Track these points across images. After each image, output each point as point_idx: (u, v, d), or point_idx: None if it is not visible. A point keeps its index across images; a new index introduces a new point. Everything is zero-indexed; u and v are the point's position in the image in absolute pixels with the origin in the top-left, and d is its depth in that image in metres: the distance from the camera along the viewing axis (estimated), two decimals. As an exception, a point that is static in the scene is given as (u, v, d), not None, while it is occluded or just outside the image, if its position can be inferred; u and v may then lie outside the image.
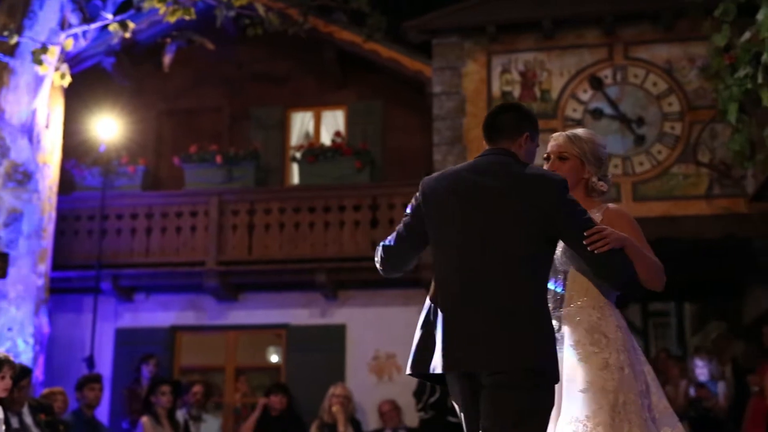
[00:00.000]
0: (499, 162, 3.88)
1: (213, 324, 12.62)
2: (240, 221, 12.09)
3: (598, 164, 4.30)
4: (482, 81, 11.48)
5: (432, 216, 3.87)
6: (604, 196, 4.30)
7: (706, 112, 10.78)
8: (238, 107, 13.46)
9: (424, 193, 3.93)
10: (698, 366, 11.06)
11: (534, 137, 4.06)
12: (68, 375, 11.68)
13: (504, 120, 4.01)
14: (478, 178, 3.81)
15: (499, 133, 3.99)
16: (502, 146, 3.96)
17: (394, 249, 4.00)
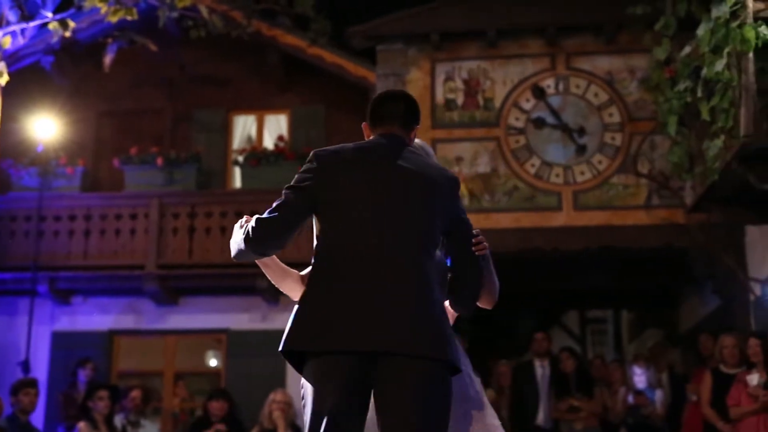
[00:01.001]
0: (405, 148, 3.67)
1: (152, 328, 12.47)
2: (181, 224, 11.96)
3: None
4: (426, 88, 11.52)
5: (332, 189, 3.50)
6: None
7: (646, 124, 10.93)
8: (180, 109, 13.33)
9: (324, 166, 3.58)
10: (636, 374, 11.21)
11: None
12: (2, 379, 11.47)
13: (403, 108, 3.78)
14: (388, 159, 3.57)
15: (396, 119, 3.74)
16: (397, 133, 3.72)
17: (277, 223, 3.52)
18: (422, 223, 3.49)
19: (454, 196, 3.68)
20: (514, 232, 10.95)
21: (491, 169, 11.17)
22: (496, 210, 11.06)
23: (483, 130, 11.31)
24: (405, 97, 3.83)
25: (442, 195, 3.58)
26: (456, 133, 11.34)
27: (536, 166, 11.14)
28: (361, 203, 3.48)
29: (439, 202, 3.56)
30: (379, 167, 3.55)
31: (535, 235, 10.92)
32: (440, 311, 3.43)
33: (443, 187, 3.60)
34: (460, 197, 3.75)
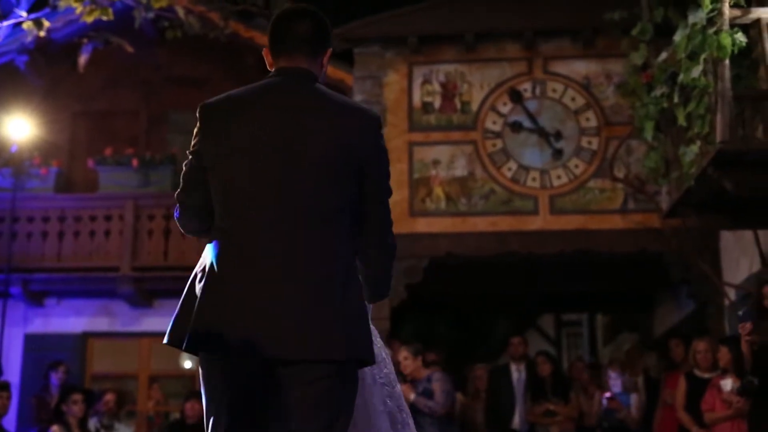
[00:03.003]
0: (311, 87, 3.07)
1: (126, 330, 12.41)
2: (156, 226, 11.91)
3: None
4: (403, 91, 11.49)
5: (215, 149, 3.00)
6: None
7: (623, 128, 10.95)
8: (156, 110, 13.27)
9: (209, 119, 3.08)
10: (612, 378, 11.20)
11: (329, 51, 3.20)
12: (-26, 383, 11.36)
13: (310, 28, 3.12)
14: (286, 106, 3.00)
15: (301, 45, 3.11)
16: (300, 64, 3.11)
17: (188, 207, 3.08)
18: (329, 192, 2.95)
19: (375, 144, 3.05)
20: (490, 235, 10.95)
21: (468, 172, 11.16)
22: (473, 213, 11.05)
23: (460, 134, 11.29)
24: (312, 14, 3.14)
25: (357, 148, 2.99)
26: (433, 136, 11.32)
27: (513, 170, 11.14)
28: (247, 170, 2.92)
29: (355, 157, 2.98)
30: (271, 118, 2.96)
31: (512, 239, 10.92)
32: (346, 301, 2.92)
33: (360, 136, 3.02)
34: (381, 142, 3.09)
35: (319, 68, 3.17)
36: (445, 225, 11.06)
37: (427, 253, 10.95)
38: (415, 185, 11.15)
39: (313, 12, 3.16)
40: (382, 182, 3.10)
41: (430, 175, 11.17)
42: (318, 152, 2.94)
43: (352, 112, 3.07)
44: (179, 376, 13.05)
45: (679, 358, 10.30)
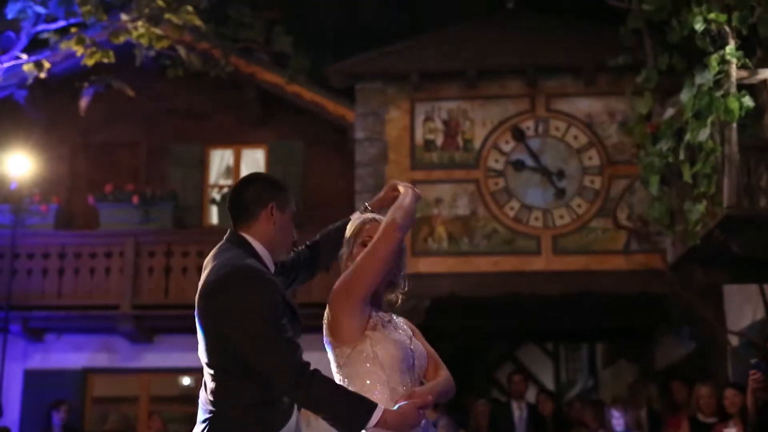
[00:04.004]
0: (214, 255, 3.37)
1: (126, 366, 12.36)
2: (157, 263, 11.83)
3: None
4: (405, 128, 11.44)
5: None
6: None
7: (625, 168, 10.92)
8: (156, 143, 13.19)
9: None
10: (614, 416, 11.17)
11: (283, 205, 3.44)
12: (-26, 420, 11.31)
13: (241, 197, 3.43)
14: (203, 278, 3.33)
15: (237, 214, 3.44)
16: (237, 231, 3.41)
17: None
18: (210, 353, 3.26)
19: (222, 302, 3.21)
20: (493, 276, 10.91)
21: (470, 211, 11.12)
22: (476, 253, 11.00)
23: (462, 172, 11.25)
24: (248, 182, 3.47)
25: (206, 313, 3.26)
26: (435, 174, 11.28)
27: (515, 209, 11.10)
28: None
29: (209, 319, 3.25)
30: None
31: (515, 279, 10.88)
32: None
33: (205, 299, 3.27)
34: (230, 303, 3.18)
35: (265, 225, 3.40)
36: (448, 265, 11.01)
37: (429, 294, 10.89)
38: (417, 224, 11.08)
39: (250, 178, 3.51)
40: (246, 335, 3.16)
41: (432, 215, 11.12)
42: (198, 319, 3.32)
43: (209, 273, 3.31)
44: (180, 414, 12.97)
45: (681, 400, 10.28)
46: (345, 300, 3.21)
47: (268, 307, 3.17)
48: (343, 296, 3.21)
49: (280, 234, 3.42)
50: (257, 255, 3.36)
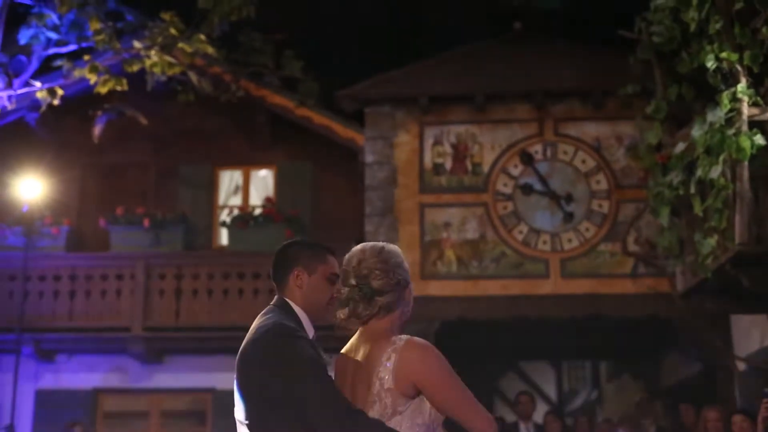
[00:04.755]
0: (258, 318, 3.47)
1: (137, 387, 12.44)
2: (167, 286, 11.90)
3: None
4: (414, 152, 11.53)
5: None
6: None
7: (633, 192, 11.02)
8: (166, 164, 13.27)
9: None
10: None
11: (310, 266, 3.48)
12: (-14, 440, 11.42)
13: (276, 263, 3.54)
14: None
15: (276, 279, 3.54)
16: (279, 296, 3.51)
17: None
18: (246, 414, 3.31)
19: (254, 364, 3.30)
20: (502, 299, 11.01)
21: (479, 235, 11.21)
22: (485, 277, 11.10)
23: (471, 196, 11.33)
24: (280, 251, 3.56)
25: (251, 376, 3.30)
26: (444, 198, 11.37)
27: (524, 233, 11.20)
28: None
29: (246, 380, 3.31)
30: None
31: (523, 303, 10.98)
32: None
33: (248, 363, 3.31)
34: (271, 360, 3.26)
35: (295, 289, 3.48)
36: (457, 288, 11.11)
37: (438, 317, 10.99)
38: (427, 248, 11.20)
39: (282, 247, 3.59)
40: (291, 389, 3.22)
41: (442, 238, 11.22)
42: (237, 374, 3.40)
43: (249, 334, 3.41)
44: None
45: (689, 423, 10.39)
46: (451, 378, 3.19)
47: (309, 357, 3.25)
48: (448, 375, 3.19)
49: (311, 297, 3.48)
50: (297, 318, 3.45)
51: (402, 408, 3.21)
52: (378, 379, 3.23)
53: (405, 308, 3.41)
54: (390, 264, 3.36)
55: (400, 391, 3.20)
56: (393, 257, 3.39)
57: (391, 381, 3.21)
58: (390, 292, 3.33)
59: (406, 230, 11.28)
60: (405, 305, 3.40)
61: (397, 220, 11.32)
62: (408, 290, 3.41)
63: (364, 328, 3.36)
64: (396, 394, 3.20)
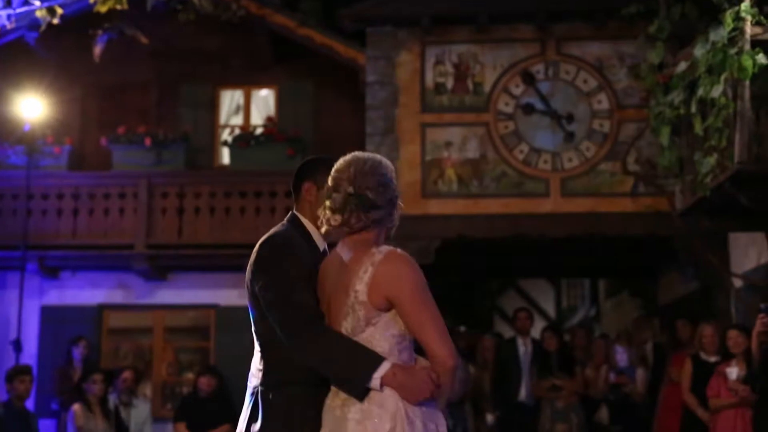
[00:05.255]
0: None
1: (141, 303, 12.61)
2: (169, 204, 11.99)
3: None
4: (416, 72, 11.50)
5: None
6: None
7: (635, 112, 11.03)
8: (167, 84, 13.24)
9: None
10: (618, 352, 11.50)
11: (320, 180, 3.53)
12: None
13: (293, 178, 3.69)
14: None
15: (293, 194, 3.69)
16: (292, 210, 3.66)
17: None
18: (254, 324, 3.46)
19: (253, 263, 3.42)
20: (502, 217, 11.09)
21: (480, 154, 11.25)
22: (485, 196, 11.17)
23: (472, 115, 11.34)
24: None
25: (247, 286, 3.44)
26: (446, 117, 11.38)
27: (525, 153, 11.24)
28: None
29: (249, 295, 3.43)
30: None
31: (523, 221, 11.07)
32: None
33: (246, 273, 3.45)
34: (257, 267, 3.40)
35: (306, 204, 3.59)
36: (457, 207, 11.19)
37: (438, 235, 11.10)
38: (428, 167, 11.25)
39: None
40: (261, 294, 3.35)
41: (443, 157, 11.26)
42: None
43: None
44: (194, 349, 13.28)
45: (685, 338, 10.56)
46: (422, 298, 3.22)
47: (283, 266, 3.35)
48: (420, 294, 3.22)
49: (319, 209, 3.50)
50: (305, 231, 3.55)
51: (375, 320, 3.24)
52: (353, 291, 3.26)
53: (391, 225, 3.44)
54: (386, 179, 3.38)
55: (373, 304, 3.23)
56: (390, 172, 3.42)
57: (365, 294, 3.24)
58: (384, 208, 3.35)
59: (407, 149, 11.31)
60: (391, 222, 3.42)
61: (398, 140, 11.35)
62: (397, 208, 3.43)
63: (350, 237, 3.38)
64: (369, 307, 3.23)
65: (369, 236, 3.36)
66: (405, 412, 3.19)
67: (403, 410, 3.19)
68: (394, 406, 3.19)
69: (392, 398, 3.20)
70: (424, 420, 3.22)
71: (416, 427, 3.19)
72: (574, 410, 10.70)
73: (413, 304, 3.19)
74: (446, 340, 3.20)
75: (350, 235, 3.38)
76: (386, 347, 3.25)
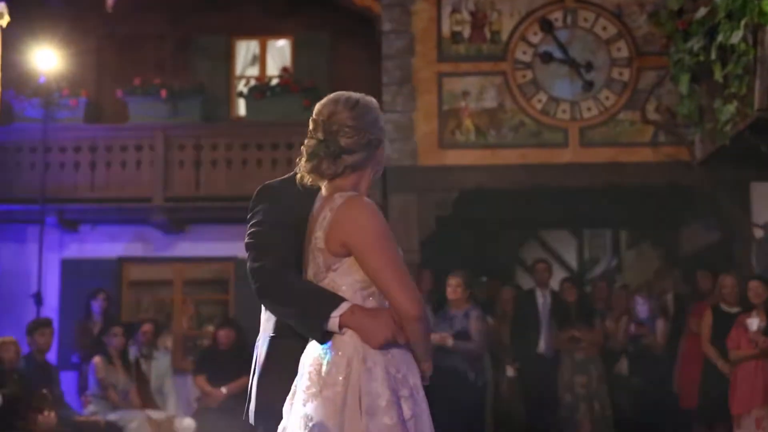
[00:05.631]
0: None
1: (160, 255, 12.65)
2: (186, 157, 11.96)
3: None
4: (432, 20, 11.30)
5: None
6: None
7: (654, 59, 10.83)
8: (182, 35, 13.15)
9: None
10: (638, 303, 11.44)
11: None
12: (14, 309, 11.73)
13: None
14: None
15: None
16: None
17: None
18: None
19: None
20: (520, 168, 10.97)
21: (498, 104, 11.10)
22: (503, 146, 11.04)
23: (490, 64, 11.18)
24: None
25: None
26: (462, 66, 11.22)
27: (543, 102, 11.08)
28: None
29: None
30: None
31: (542, 172, 10.95)
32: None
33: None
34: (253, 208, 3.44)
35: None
36: (475, 157, 11.07)
37: (456, 186, 11.01)
38: (445, 117, 11.12)
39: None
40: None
41: (460, 107, 11.12)
42: None
43: None
44: (213, 302, 13.34)
45: (706, 289, 10.50)
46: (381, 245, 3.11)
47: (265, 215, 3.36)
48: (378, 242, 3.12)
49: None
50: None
51: (336, 266, 3.14)
52: (314, 237, 3.17)
53: (376, 167, 3.31)
54: (364, 121, 3.20)
55: (330, 250, 3.13)
56: (368, 112, 3.24)
57: (322, 240, 3.14)
58: (359, 152, 3.20)
59: (423, 100, 11.18)
60: (376, 164, 3.30)
61: (414, 90, 11.21)
62: (380, 150, 3.28)
63: (329, 183, 3.24)
64: (327, 253, 3.14)
65: (344, 183, 3.22)
66: (363, 356, 3.05)
67: (361, 354, 3.05)
68: (351, 351, 3.06)
69: (351, 343, 3.07)
70: (386, 366, 3.06)
71: (374, 374, 3.03)
72: (593, 362, 10.68)
73: (371, 251, 3.07)
74: (407, 289, 3.06)
75: (330, 182, 3.24)
76: (348, 293, 3.13)
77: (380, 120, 3.29)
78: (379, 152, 3.29)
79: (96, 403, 10.06)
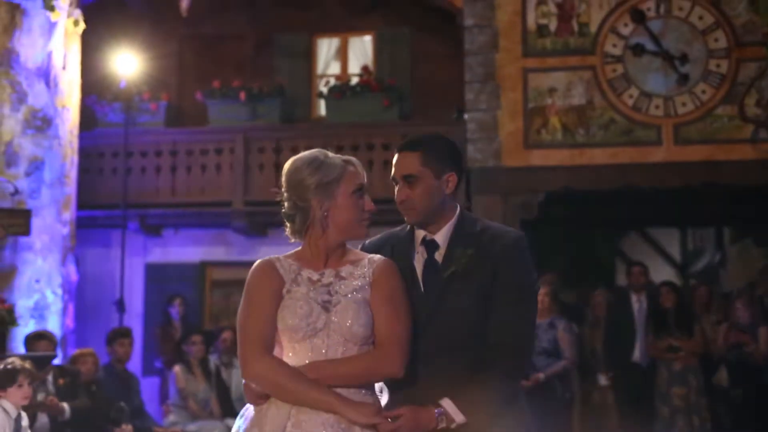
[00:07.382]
0: None
1: (242, 259, 12.51)
2: (266, 159, 11.86)
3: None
4: (516, 13, 10.89)
5: None
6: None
7: (755, 50, 10.26)
8: (262, 33, 13.04)
9: None
10: (739, 309, 10.85)
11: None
12: (99, 315, 11.76)
13: None
14: None
15: None
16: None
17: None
18: None
19: None
20: (610, 168, 10.52)
21: (586, 100, 10.65)
22: (591, 145, 10.59)
23: (577, 59, 10.73)
24: None
25: None
26: (549, 61, 10.79)
27: (634, 97, 10.58)
28: None
29: None
30: None
31: (633, 172, 10.47)
32: None
33: None
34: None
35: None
36: (562, 157, 10.65)
37: (542, 187, 10.62)
38: (530, 115, 10.72)
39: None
40: None
41: (546, 104, 10.70)
42: None
43: None
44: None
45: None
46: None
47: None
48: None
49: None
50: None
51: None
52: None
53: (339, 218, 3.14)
54: (289, 184, 3.13)
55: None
56: (293, 175, 3.15)
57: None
58: (296, 215, 3.15)
59: (508, 97, 10.78)
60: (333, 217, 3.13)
61: (498, 87, 10.81)
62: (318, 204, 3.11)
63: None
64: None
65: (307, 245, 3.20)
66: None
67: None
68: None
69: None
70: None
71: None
72: (692, 372, 10.11)
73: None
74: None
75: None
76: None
77: (310, 176, 3.14)
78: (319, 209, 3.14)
79: (176, 413, 9.96)
